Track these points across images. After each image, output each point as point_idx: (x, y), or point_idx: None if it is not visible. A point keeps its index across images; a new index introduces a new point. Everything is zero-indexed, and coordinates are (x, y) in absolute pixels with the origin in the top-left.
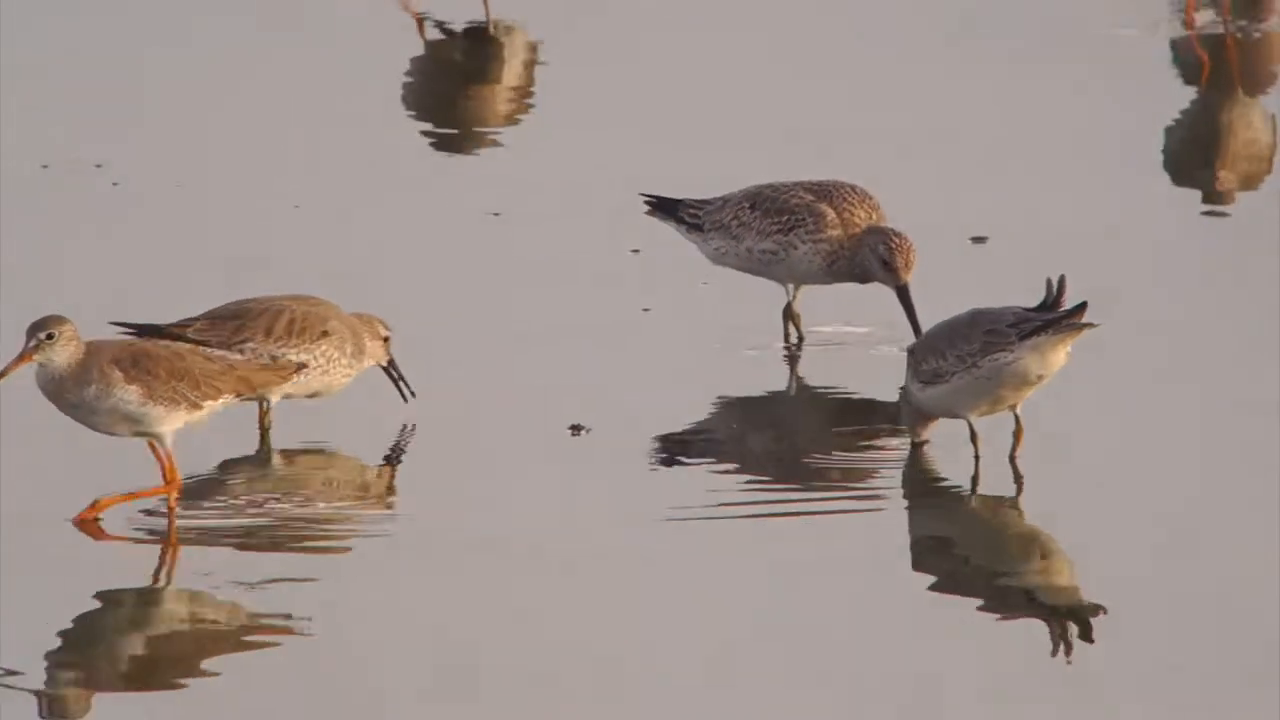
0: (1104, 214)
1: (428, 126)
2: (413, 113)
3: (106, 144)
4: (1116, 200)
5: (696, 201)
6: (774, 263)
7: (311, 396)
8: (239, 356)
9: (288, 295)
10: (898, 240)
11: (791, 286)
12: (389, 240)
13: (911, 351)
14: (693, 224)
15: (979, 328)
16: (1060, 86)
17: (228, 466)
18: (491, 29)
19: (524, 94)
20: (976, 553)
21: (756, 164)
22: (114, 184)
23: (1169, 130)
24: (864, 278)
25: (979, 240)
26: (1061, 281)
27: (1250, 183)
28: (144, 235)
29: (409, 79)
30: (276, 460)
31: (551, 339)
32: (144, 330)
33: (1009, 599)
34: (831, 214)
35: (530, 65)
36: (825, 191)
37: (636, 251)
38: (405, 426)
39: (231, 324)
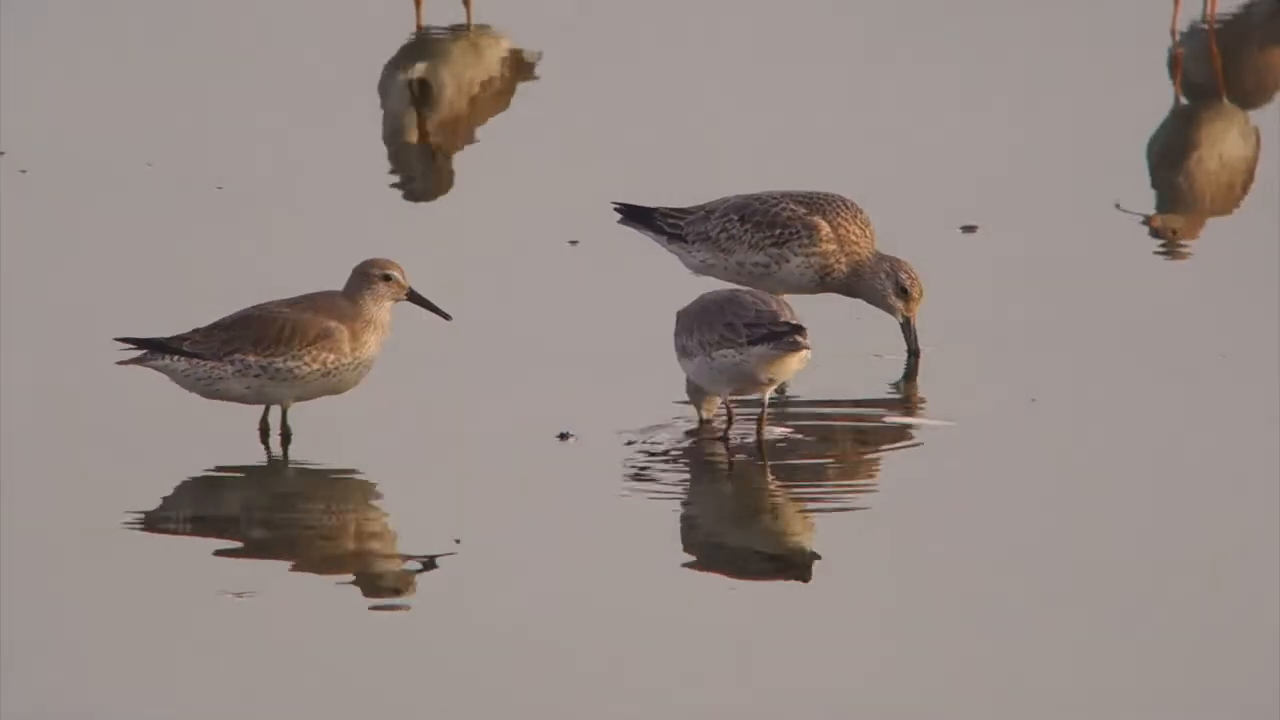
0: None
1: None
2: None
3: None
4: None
5: (675, 210)
6: (765, 275)
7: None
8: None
9: (295, 298)
10: (910, 275)
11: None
12: (367, 236)
13: (677, 319)
14: (673, 234)
15: (724, 317)
16: (1061, 77)
17: (231, 474)
18: (471, 33)
19: (503, 99)
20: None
21: (739, 167)
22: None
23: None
24: (852, 293)
25: (969, 229)
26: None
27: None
28: (120, 229)
29: (389, 72)
30: (269, 469)
31: (539, 342)
32: (149, 345)
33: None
34: (826, 228)
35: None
36: (817, 205)
37: (574, 243)
38: (385, 434)
39: (222, 335)
